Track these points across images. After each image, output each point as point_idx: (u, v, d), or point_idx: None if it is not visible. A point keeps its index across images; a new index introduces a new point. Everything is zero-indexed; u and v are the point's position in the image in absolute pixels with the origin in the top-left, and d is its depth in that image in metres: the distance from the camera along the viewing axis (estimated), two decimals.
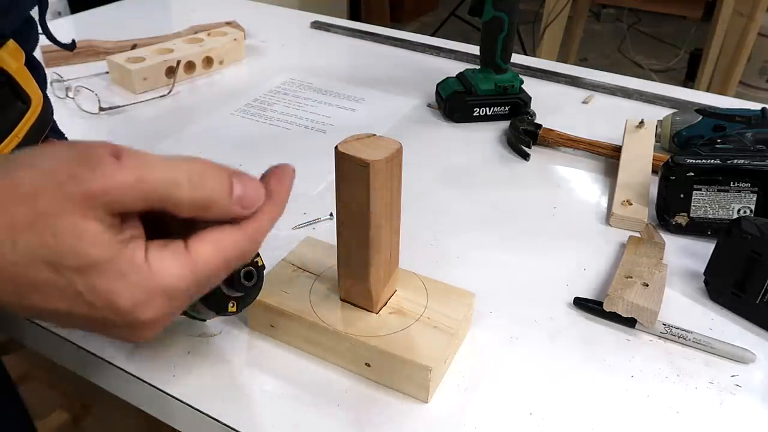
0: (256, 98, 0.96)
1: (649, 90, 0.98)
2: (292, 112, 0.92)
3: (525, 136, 0.82)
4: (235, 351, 0.52)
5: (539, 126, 0.83)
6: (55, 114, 0.60)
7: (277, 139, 0.84)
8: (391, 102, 0.95)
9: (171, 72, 0.97)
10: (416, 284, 0.53)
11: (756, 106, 0.80)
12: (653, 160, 0.75)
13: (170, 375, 0.50)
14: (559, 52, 2.60)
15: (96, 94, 0.88)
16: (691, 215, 0.65)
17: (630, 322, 0.54)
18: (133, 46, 1.05)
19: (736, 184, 0.63)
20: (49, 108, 0.45)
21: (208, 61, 1.02)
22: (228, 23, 1.15)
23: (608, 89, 0.98)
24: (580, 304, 0.57)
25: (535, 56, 1.91)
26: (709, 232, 0.65)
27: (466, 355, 0.52)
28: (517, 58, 1.03)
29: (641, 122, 0.81)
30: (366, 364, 0.49)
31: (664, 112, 0.83)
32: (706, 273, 0.59)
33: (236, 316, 0.55)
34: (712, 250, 0.58)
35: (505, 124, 0.87)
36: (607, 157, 0.80)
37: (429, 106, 0.94)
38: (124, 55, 0.97)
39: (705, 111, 0.77)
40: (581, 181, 0.77)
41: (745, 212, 0.64)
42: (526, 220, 0.69)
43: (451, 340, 0.49)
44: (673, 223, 0.66)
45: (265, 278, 0.54)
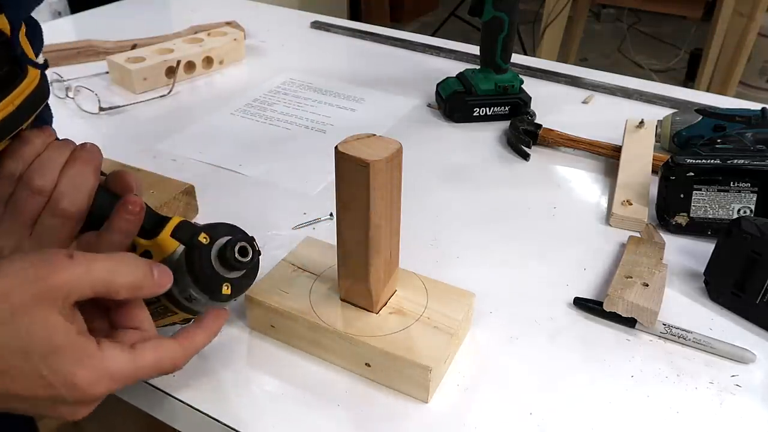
0: (256, 98, 0.96)
1: (649, 90, 0.98)
2: (292, 112, 0.92)
3: (525, 136, 0.82)
4: (235, 351, 0.52)
5: (539, 126, 0.83)
6: (55, 114, 0.60)
7: (277, 139, 0.84)
8: (391, 102, 0.95)
9: (171, 72, 0.97)
10: (416, 284, 0.53)
11: (756, 106, 0.80)
12: (653, 160, 0.75)
13: (170, 376, 0.50)
14: (559, 52, 2.60)
15: (96, 94, 0.88)
16: (691, 215, 0.65)
17: (630, 322, 0.54)
18: (133, 46, 1.05)
19: (736, 184, 0.63)
20: (47, 84, 0.46)
21: (208, 61, 1.02)
22: (228, 23, 1.15)
23: (608, 89, 0.98)
24: (580, 304, 0.57)
25: (535, 56, 1.91)
26: (709, 232, 0.65)
27: (466, 355, 0.52)
28: (517, 58, 1.03)
29: (641, 122, 0.81)
30: (366, 364, 0.49)
31: (664, 112, 0.83)
32: (706, 273, 0.59)
33: (236, 316, 0.55)
34: (712, 250, 0.58)
35: (505, 124, 0.87)
36: (607, 157, 0.80)
37: (429, 106, 0.94)
38: (124, 55, 0.97)
39: (705, 111, 0.77)
40: (581, 181, 0.77)
41: (745, 212, 0.64)
42: (526, 220, 0.69)
43: (451, 340, 0.49)
44: (673, 223, 0.66)
45: (265, 278, 0.54)
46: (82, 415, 0.39)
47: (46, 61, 0.46)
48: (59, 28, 1.20)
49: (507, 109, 0.89)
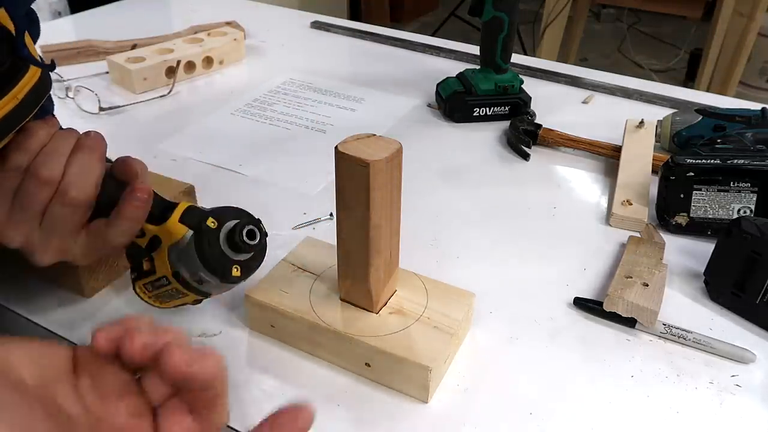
0: (256, 98, 0.96)
1: (649, 90, 0.98)
2: (292, 112, 0.92)
3: (525, 136, 0.82)
4: (235, 351, 0.52)
5: (539, 126, 0.83)
6: (55, 114, 0.60)
7: (277, 139, 0.84)
8: (391, 102, 0.95)
9: (171, 72, 0.97)
10: (416, 284, 0.53)
11: (756, 106, 0.80)
12: (653, 160, 0.75)
13: None
14: (559, 52, 2.60)
15: (96, 94, 0.88)
16: (691, 215, 0.65)
17: (630, 322, 0.54)
18: (133, 46, 1.05)
19: (736, 184, 0.63)
20: (48, 77, 0.46)
21: (208, 61, 1.02)
22: (228, 23, 1.15)
23: (608, 89, 0.98)
24: (580, 304, 0.57)
25: (535, 56, 1.91)
26: (709, 232, 0.65)
27: (466, 355, 0.52)
28: (517, 58, 1.03)
29: (641, 122, 0.81)
30: (366, 364, 0.49)
31: (664, 112, 0.83)
32: (706, 273, 0.59)
33: (236, 316, 0.55)
34: (712, 250, 0.58)
35: (505, 124, 0.87)
36: (607, 157, 0.80)
37: (429, 106, 0.94)
38: (124, 55, 0.97)
39: (705, 111, 0.77)
40: (581, 181, 0.77)
41: (745, 212, 0.64)
42: (526, 220, 0.69)
43: (451, 340, 0.49)
44: (673, 223, 0.66)
45: (265, 278, 0.54)
46: None
47: (53, 62, 0.46)
48: (59, 28, 1.20)
49: (507, 109, 0.89)
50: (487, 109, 0.88)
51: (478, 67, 0.90)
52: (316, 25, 1.24)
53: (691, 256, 0.63)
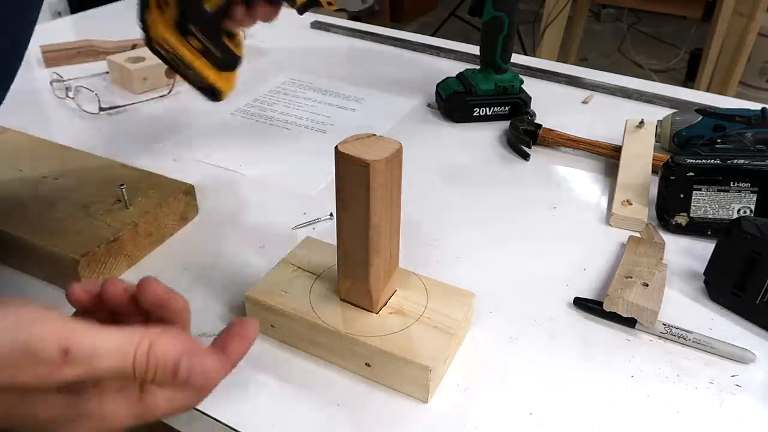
0: (256, 98, 0.96)
1: (649, 90, 0.98)
2: (292, 112, 0.92)
3: (525, 136, 0.82)
4: None
5: (539, 126, 0.83)
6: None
7: (277, 139, 0.84)
8: (391, 102, 0.95)
9: (171, 72, 0.97)
10: (416, 284, 0.53)
11: (756, 106, 0.80)
12: (653, 160, 0.75)
13: None
14: (559, 52, 2.60)
15: (96, 94, 0.88)
16: (691, 215, 0.65)
17: (630, 322, 0.54)
18: (133, 46, 1.05)
19: (736, 184, 0.63)
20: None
21: None
22: None
23: (608, 89, 0.98)
24: (580, 304, 0.57)
25: (535, 56, 1.91)
26: (709, 232, 0.65)
27: (466, 355, 0.52)
28: (517, 58, 1.03)
29: (641, 122, 0.81)
30: (366, 364, 0.49)
31: (664, 112, 0.83)
32: (706, 273, 0.59)
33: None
34: (712, 250, 0.58)
35: (505, 124, 0.87)
36: (607, 157, 0.80)
37: (429, 106, 0.94)
38: (124, 55, 0.97)
39: (705, 111, 0.77)
40: (581, 181, 0.77)
41: (745, 212, 0.64)
42: (526, 220, 0.69)
43: (451, 340, 0.49)
44: (673, 223, 0.66)
45: (265, 278, 0.54)
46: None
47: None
48: (59, 28, 1.20)
49: (507, 109, 0.89)
50: (487, 109, 0.88)
51: (478, 67, 0.90)
52: (316, 25, 1.24)
53: (691, 256, 0.63)
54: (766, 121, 0.73)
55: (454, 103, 0.88)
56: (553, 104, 0.93)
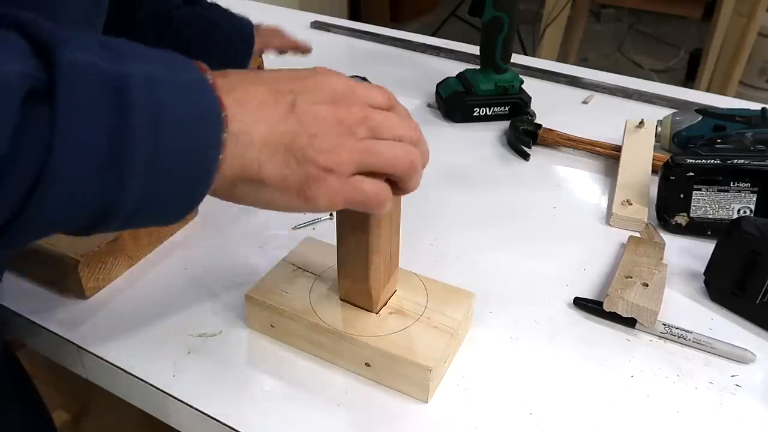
0: None
1: (649, 90, 0.98)
2: None
3: (525, 136, 0.82)
4: (235, 351, 0.52)
5: (539, 126, 0.83)
6: None
7: None
8: None
9: None
10: (416, 284, 0.53)
11: (756, 106, 0.80)
12: (653, 160, 0.75)
13: (170, 375, 0.50)
14: (559, 52, 2.60)
15: None
16: (691, 215, 0.65)
17: (630, 322, 0.54)
18: None
19: (736, 184, 0.63)
20: None
21: None
22: None
23: (608, 89, 0.98)
24: (580, 304, 0.57)
25: (535, 56, 1.91)
26: (709, 232, 0.65)
27: (466, 355, 0.52)
28: (517, 58, 1.03)
29: (641, 122, 0.81)
30: (366, 364, 0.49)
31: (664, 112, 0.83)
32: (706, 273, 0.59)
33: (236, 316, 0.55)
34: (712, 250, 0.58)
35: (505, 124, 0.87)
36: (607, 157, 0.80)
37: (429, 106, 0.94)
38: None
39: (705, 111, 0.77)
40: (581, 181, 0.77)
41: (745, 212, 0.64)
42: (526, 220, 0.69)
43: (451, 340, 0.49)
44: (673, 223, 0.66)
45: (265, 278, 0.54)
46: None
47: None
48: None
49: (507, 109, 0.89)
50: (487, 109, 0.88)
51: (478, 67, 0.90)
52: (316, 25, 1.24)
53: (691, 256, 0.63)
54: (766, 121, 0.73)
55: (454, 103, 0.88)
56: (553, 104, 0.93)
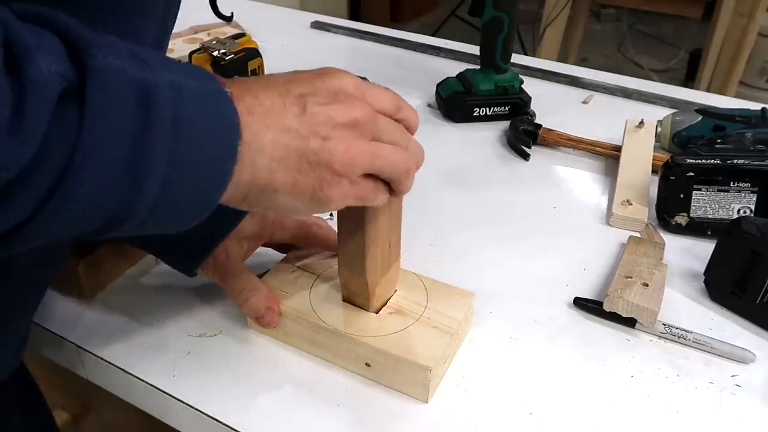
0: None
1: (649, 90, 0.98)
2: None
3: (525, 136, 0.82)
4: (235, 351, 0.52)
5: (539, 126, 0.83)
6: None
7: None
8: None
9: None
10: (416, 284, 0.53)
11: (756, 106, 0.80)
12: (653, 160, 0.75)
13: (170, 375, 0.50)
14: (559, 52, 2.60)
15: None
16: (691, 215, 0.65)
17: (630, 322, 0.54)
18: None
19: (736, 184, 0.63)
20: None
21: None
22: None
23: (608, 89, 0.98)
24: (580, 304, 0.57)
25: (535, 56, 1.91)
26: (709, 232, 0.65)
27: (466, 355, 0.52)
28: (517, 58, 1.03)
29: (641, 122, 0.81)
30: (366, 364, 0.49)
31: (664, 112, 0.83)
32: (706, 273, 0.59)
33: (236, 316, 0.55)
34: (712, 250, 0.58)
35: (505, 124, 0.87)
36: (607, 157, 0.80)
37: (429, 106, 0.94)
38: None
39: (705, 111, 0.77)
40: (581, 181, 0.77)
41: (745, 212, 0.64)
42: (526, 220, 0.69)
43: (451, 340, 0.49)
44: (673, 223, 0.66)
45: (265, 278, 0.54)
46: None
47: None
48: None
49: (507, 109, 0.89)
50: (487, 109, 0.88)
51: (478, 67, 0.90)
52: (316, 25, 1.24)
53: (691, 256, 0.63)
54: (766, 121, 0.73)
55: (454, 103, 0.88)
56: (553, 104, 0.93)
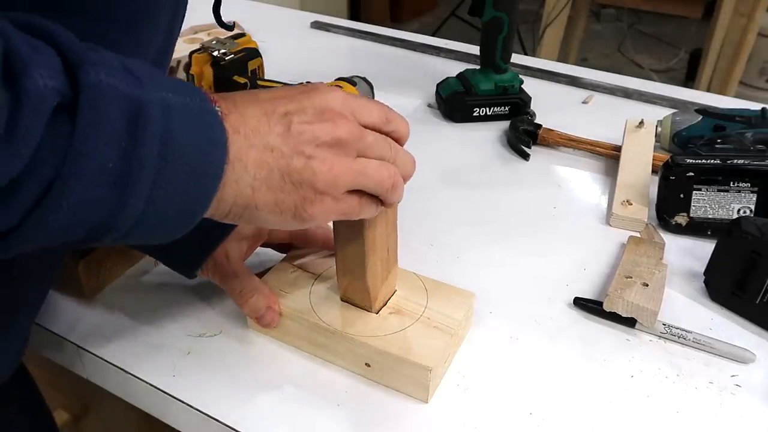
0: None
1: (649, 90, 0.98)
2: None
3: (525, 136, 0.82)
4: (235, 351, 0.52)
5: (539, 126, 0.83)
6: None
7: None
8: (391, 102, 0.95)
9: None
10: (416, 284, 0.53)
11: (756, 106, 0.80)
12: (653, 160, 0.75)
13: (170, 375, 0.50)
14: (559, 52, 2.60)
15: None
16: (691, 215, 0.65)
17: (630, 322, 0.54)
18: None
19: (736, 184, 0.63)
20: None
21: None
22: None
23: (608, 89, 0.98)
24: (580, 304, 0.57)
25: (535, 56, 1.91)
26: (709, 232, 0.65)
27: (466, 355, 0.52)
28: (517, 58, 1.03)
29: (641, 122, 0.81)
30: (366, 364, 0.49)
31: (664, 112, 0.83)
32: (706, 273, 0.59)
33: (236, 316, 0.55)
34: (712, 250, 0.58)
35: (505, 124, 0.87)
36: (607, 157, 0.80)
37: (429, 106, 0.94)
38: None
39: (705, 111, 0.77)
40: (581, 181, 0.77)
41: (745, 212, 0.64)
42: (526, 220, 0.69)
43: (451, 340, 0.49)
44: (673, 223, 0.66)
45: (265, 278, 0.54)
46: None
47: None
48: None
49: (507, 109, 0.89)
50: (487, 109, 0.88)
51: (478, 67, 0.90)
52: (316, 25, 1.24)
53: (691, 256, 0.63)
54: (766, 121, 0.73)
55: (454, 103, 0.88)
56: (553, 104, 0.93)
